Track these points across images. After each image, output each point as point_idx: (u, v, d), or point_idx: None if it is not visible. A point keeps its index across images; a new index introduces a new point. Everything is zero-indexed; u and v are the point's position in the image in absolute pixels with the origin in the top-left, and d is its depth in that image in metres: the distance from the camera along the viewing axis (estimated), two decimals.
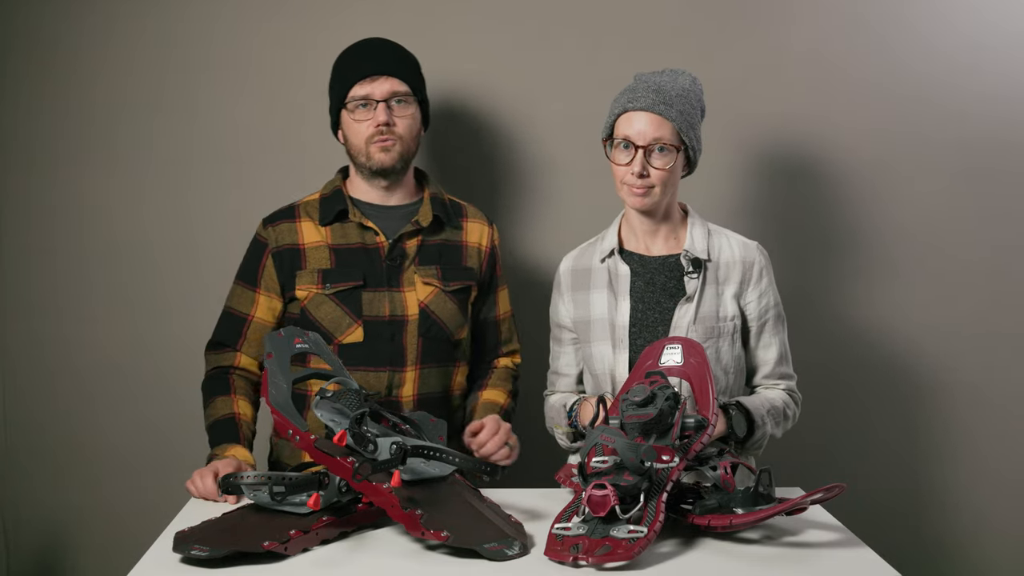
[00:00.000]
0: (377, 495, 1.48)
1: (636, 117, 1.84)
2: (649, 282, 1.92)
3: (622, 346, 1.90)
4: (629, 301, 1.91)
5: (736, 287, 1.91)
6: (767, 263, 1.94)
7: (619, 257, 1.94)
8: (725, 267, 1.91)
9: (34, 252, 2.48)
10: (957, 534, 2.54)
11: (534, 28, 2.44)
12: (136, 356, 2.49)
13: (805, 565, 1.43)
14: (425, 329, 1.97)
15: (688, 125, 1.85)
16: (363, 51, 2.01)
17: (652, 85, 1.86)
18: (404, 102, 1.98)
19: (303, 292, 1.96)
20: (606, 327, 1.92)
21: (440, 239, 2.03)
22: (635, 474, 1.45)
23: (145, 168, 2.46)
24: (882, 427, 2.52)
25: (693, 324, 1.87)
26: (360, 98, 1.96)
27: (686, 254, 1.91)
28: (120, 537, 2.46)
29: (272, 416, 1.60)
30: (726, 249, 1.93)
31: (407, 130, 1.98)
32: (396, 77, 1.97)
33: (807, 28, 2.46)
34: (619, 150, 1.85)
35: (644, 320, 1.90)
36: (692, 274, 1.89)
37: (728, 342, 1.90)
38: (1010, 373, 2.51)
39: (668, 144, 1.83)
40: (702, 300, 1.89)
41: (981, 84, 2.46)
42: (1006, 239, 2.49)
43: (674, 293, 1.90)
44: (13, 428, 2.51)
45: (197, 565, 1.40)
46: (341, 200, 2.01)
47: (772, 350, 1.94)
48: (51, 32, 2.43)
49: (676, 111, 1.83)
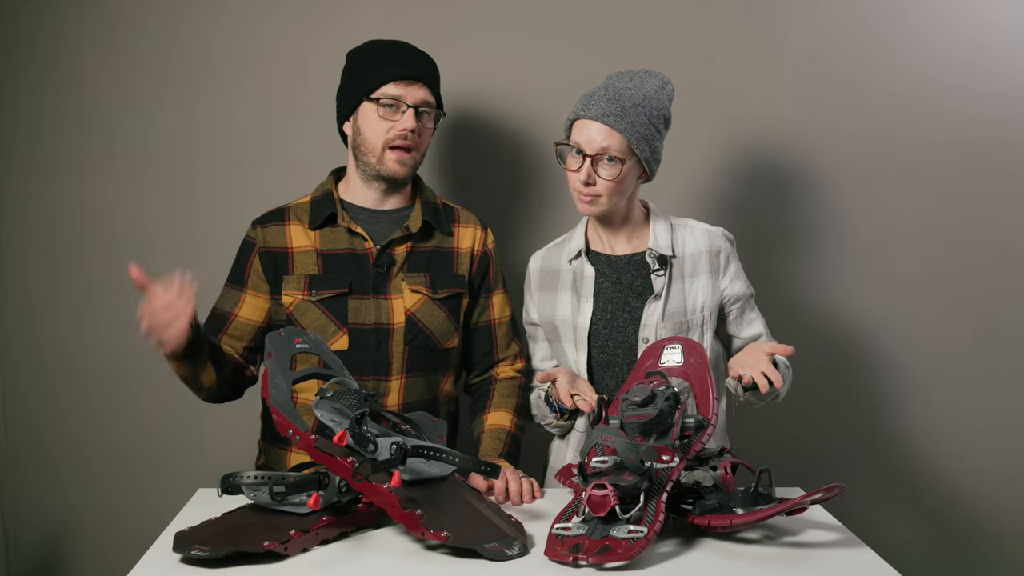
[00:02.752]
0: (377, 495, 1.48)
1: (587, 125, 1.84)
2: (616, 282, 1.93)
3: (582, 347, 1.91)
4: (592, 303, 1.92)
5: (708, 276, 1.92)
6: (732, 248, 1.96)
7: (585, 259, 1.95)
8: (692, 259, 1.92)
9: (34, 252, 2.48)
10: (957, 534, 2.54)
11: (532, 28, 2.44)
12: (136, 356, 2.48)
13: (805, 565, 1.43)
14: (411, 338, 1.93)
15: (640, 137, 1.83)
16: (401, 52, 1.96)
17: (610, 92, 1.84)
18: (428, 114, 1.95)
19: (289, 298, 1.94)
20: (571, 328, 1.93)
21: (430, 245, 2.00)
22: (635, 474, 1.45)
23: (145, 168, 2.46)
24: (882, 427, 2.52)
25: (662, 321, 1.88)
26: (392, 97, 1.91)
27: (651, 252, 1.91)
28: (120, 537, 2.47)
29: (272, 416, 1.60)
30: (690, 241, 1.93)
31: (424, 143, 1.97)
32: (429, 88, 1.95)
33: (807, 28, 2.46)
34: (571, 155, 1.86)
35: (614, 320, 1.90)
36: (658, 271, 1.90)
37: (698, 334, 1.91)
38: (1010, 373, 2.51)
39: (616, 155, 1.82)
40: (669, 296, 1.90)
41: (981, 84, 2.46)
42: (1006, 239, 2.49)
43: (641, 291, 1.91)
44: (13, 428, 2.51)
45: (197, 565, 1.40)
46: (331, 204, 1.97)
47: (758, 323, 1.97)
48: (51, 32, 2.43)
49: (627, 123, 1.81)
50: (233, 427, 2.34)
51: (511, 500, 1.72)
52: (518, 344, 2.09)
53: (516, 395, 2.03)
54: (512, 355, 2.08)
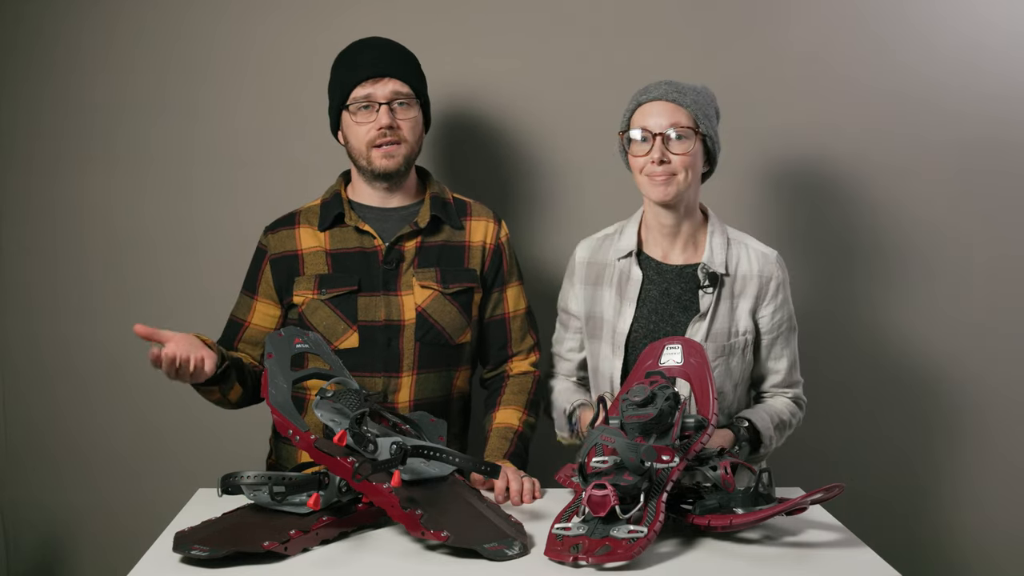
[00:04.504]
0: (377, 495, 1.48)
1: (650, 108, 1.84)
2: (664, 292, 1.90)
3: (619, 352, 1.89)
4: (635, 308, 1.89)
5: (752, 301, 1.89)
6: (785, 277, 1.92)
7: (635, 260, 1.92)
8: (742, 280, 1.89)
9: (34, 252, 2.48)
10: (957, 534, 2.54)
11: (537, 27, 2.44)
12: (136, 356, 2.47)
13: (805, 565, 1.43)
14: (422, 334, 1.93)
15: (703, 115, 1.83)
16: (364, 51, 1.98)
17: (664, 80, 1.87)
18: (406, 104, 1.95)
19: (300, 298, 1.95)
20: (610, 329, 1.92)
21: (441, 240, 2.00)
22: (635, 474, 1.45)
23: (145, 168, 2.46)
24: (882, 427, 2.52)
25: (705, 342, 1.85)
26: (362, 100, 1.93)
27: (703, 267, 1.88)
28: (120, 537, 2.47)
29: (272, 416, 1.60)
30: (744, 262, 1.90)
31: (410, 132, 1.95)
32: (398, 78, 1.94)
33: (807, 28, 2.46)
34: (636, 143, 1.84)
35: (656, 331, 1.88)
36: (707, 288, 1.87)
37: (739, 358, 1.89)
38: (1010, 373, 2.51)
39: (685, 128, 1.82)
40: (715, 317, 1.87)
41: (981, 84, 2.46)
42: (1006, 239, 2.49)
43: (688, 306, 1.88)
44: (13, 428, 2.51)
45: (197, 565, 1.40)
46: (339, 204, 1.98)
47: (783, 361, 1.94)
48: (51, 32, 2.43)
49: (690, 99, 1.83)
50: (233, 427, 2.34)
51: (511, 500, 1.72)
52: (533, 337, 2.08)
53: (528, 391, 2.02)
54: (527, 348, 2.07)
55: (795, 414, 1.93)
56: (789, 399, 1.95)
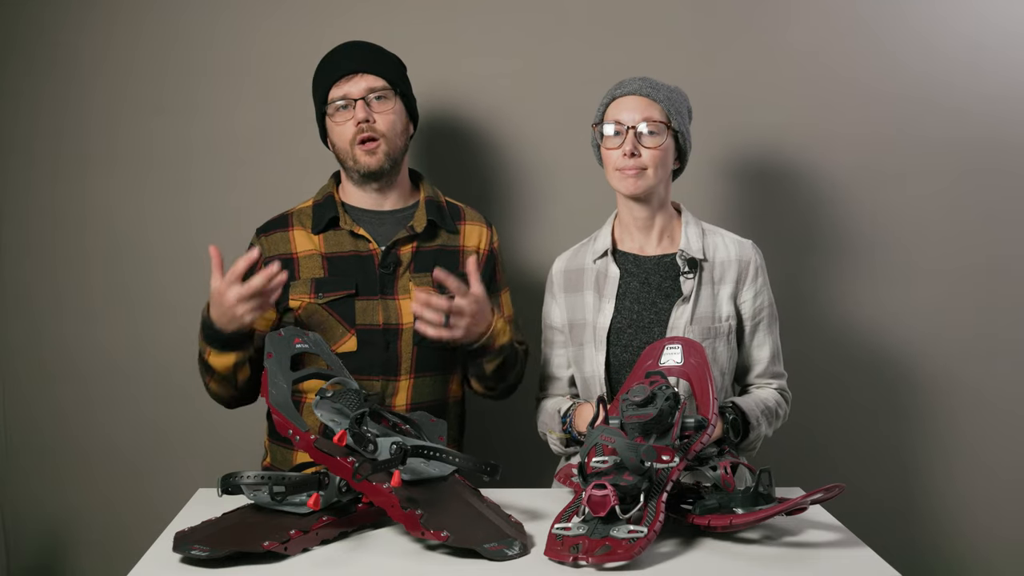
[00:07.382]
0: (377, 495, 1.48)
1: (624, 101, 1.87)
2: (644, 282, 1.92)
3: (600, 347, 1.90)
4: (614, 304, 1.91)
5: (732, 286, 1.91)
6: (762, 262, 1.95)
7: (611, 258, 1.94)
8: (720, 266, 1.92)
9: (34, 252, 2.48)
10: (957, 534, 2.54)
11: (531, 28, 2.45)
12: (136, 356, 2.49)
13: (805, 565, 1.43)
14: (420, 338, 1.91)
15: (676, 111, 1.87)
16: (337, 53, 2.00)
17: (638, 77, 1.90)
18: (383, 98, 1.95)
19: (296, 302, 1.94)
20: (591, 327, 1.92)
21: (436, 245, 2.00)
22: (635, 474, 1.45)
23: (145, 168, 2.46)
24: (882, 427, 2.52)
25: (690, 325, 1.87)
26: (338, 99, 1.94)
27: (682, 254, 1.90)
28: (120, 537, 2.47)
29: (272, 416, 1.60)
30: (721, 248, 1.93)
31: (389, 127, 1.95)
32: (372, 73, 1.95)
33: (807, 29, 2.46)
34: (609, 136, 1.87)
35: (640, 320, 1.89)
36: (688, 274, 1.89)
37: (724, 342, 1.90)
38: (1009, 374, 2.51)
39: (657, 123, 1.84)
40: (699, 301, 1.88)
41: (981, 84, 2.47)
42: (1006, 239, 2.49)
43: (670, 293, 1.90)
44: (13, 428, 2.51)
45: (197, 565, 1.40)
46: (332, 207, 1.98)
47: (765, 349, 1.94)
48: (52, 32, 2.44)
49: (663, 95, 1.87)
50: (233, 427, 2.34)
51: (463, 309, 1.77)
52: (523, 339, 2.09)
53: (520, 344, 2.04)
54: None
55: (781, 404, 1.92)
56: (774, 389, 1.95)
